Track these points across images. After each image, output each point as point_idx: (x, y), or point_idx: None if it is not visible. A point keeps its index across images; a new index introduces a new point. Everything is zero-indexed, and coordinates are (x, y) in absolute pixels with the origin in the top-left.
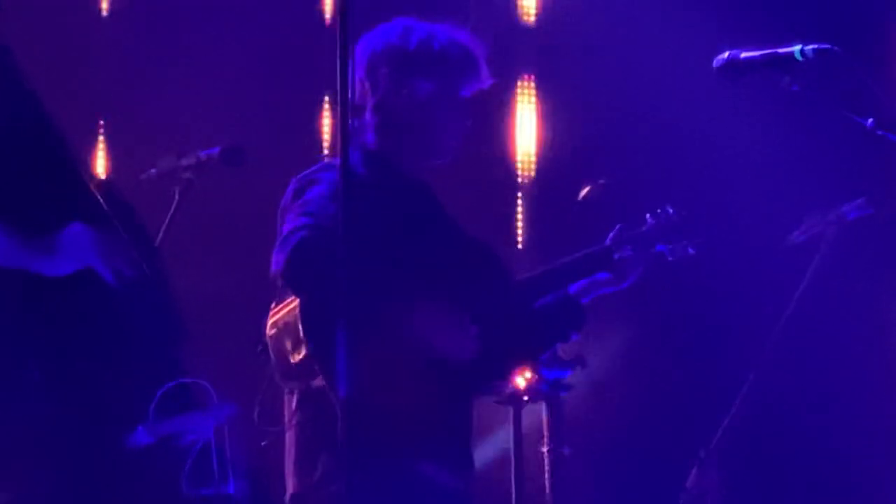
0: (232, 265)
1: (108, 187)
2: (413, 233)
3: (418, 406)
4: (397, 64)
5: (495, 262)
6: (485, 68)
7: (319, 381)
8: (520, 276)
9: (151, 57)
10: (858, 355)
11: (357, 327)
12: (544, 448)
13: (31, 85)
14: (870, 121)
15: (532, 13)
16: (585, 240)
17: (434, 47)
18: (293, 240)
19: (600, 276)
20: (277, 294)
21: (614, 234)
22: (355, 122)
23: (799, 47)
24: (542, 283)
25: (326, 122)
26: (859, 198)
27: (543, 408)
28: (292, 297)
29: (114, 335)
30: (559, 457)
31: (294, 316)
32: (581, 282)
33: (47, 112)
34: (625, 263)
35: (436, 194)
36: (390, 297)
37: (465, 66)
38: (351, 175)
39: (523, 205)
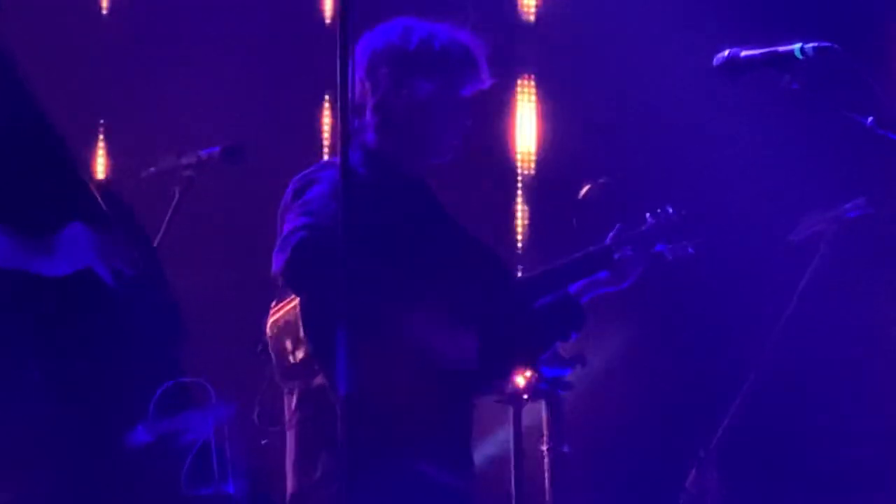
0: (232, 264)
1: (107, 187)
2: (413, 232)
3: (418, 405)
4: (398, 63)
5: (495, 261)
6: (485, 68)
7: (320, 380)
8: (520, 276)
9: (152, 55)
10: (858, 354)
11: (357, 327)
12: (544, 447)
13: (29, 85)
14: (870, 119)
15: (532, 11)
16: (585, 239)
17: (434, 47)
18: (294, 239)
19: (600, 275)
20: (278, 293)
21: (614, 233)
22: (355, 121)
23: (799, 45)
24: (542, 282)
25: (326, 121)
26: (859, 196)
27: (543, 406)
28: (292, 296)
29: (113, 335)
30: (559, 455)
31: (294, 315)
32: (581, 281)
33: (46, 112)
34: (625, 263)
35: (436, 194)
36: (390, 296)
37: (466, 66)
38: (351, 175)
39: (523, 202)
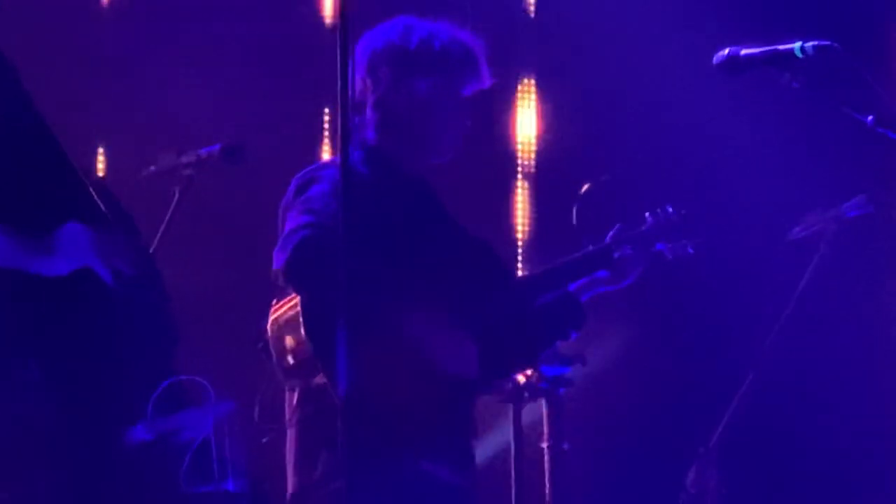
0: (232, 263)
1: (102, 186)
2: (413, 231)
3: (419, 404)
4: (398, 62)
5: (495, 260)
6: (485, 67)
7: (320, 378)
8: (520, 275)
9: (151, 53)
10: (858, 353)
11: (358, 325)
12: (544, 444)
13: (27, 85)
14: (870, 118)
15: (532, 8)
16: (586, 237)
17: (435, 46)
18: (295, 238)
19: (600, 274)
20: (278, 292)
21: (614, 232)
22: (356, 119)
23: (799, 44)
24: (542, 281)
25: (327, 119)
26: (859, 195)
27: (543, 404)
28: (293, 294)
29: (112, 334)
30: (559, 453)
31: (295, 313)
32: (581, 280)
33: (44, 112)
34: (624, 262)
35: (436, 192)
36: (391, 295)
37: (466, 66)
38: (351, 173)
39: (522, 199)
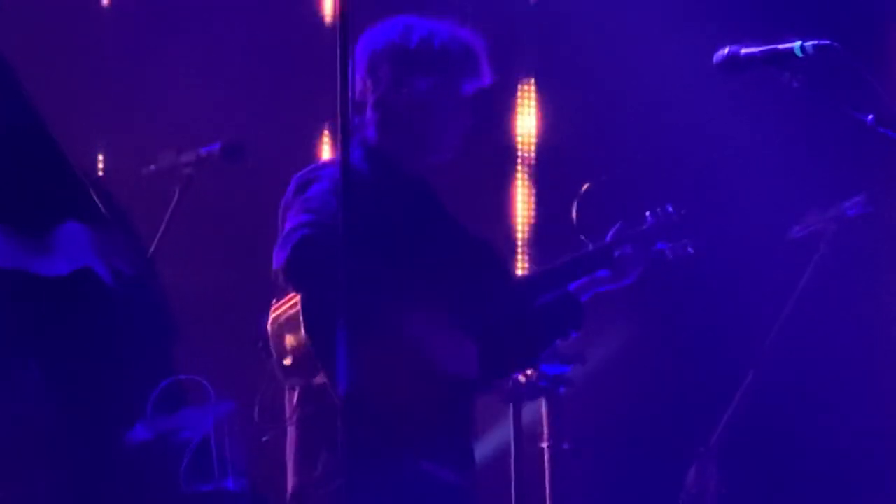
0: (232, 262)
1: (99, 186)
2: (413, 231)
3: (419, 403)
4: (398, 62)
5: (495, 260)
6: (486, 66)
7: (321, 378)
8: (520, 274)
9: (151, 53)
10: (858, 352)
11: (358, 325)
12: (544, 444)
13: (26, 85)
14: (870, 117)
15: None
16: (586, 236)
17: (435, 45)
18: (295, 237)
19: (600, 273)
20: (278, 291)
21: (614, 231)
22: (356, 119)
23: (799, 43)
24: (542, 281)
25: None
26: (859, 194)
27: (543, 404)
28: (293, 293)
29: (111, 334)
30: (559, 453)
31: (295, 312)
32: (581, 279)
33: (43, 112)
34: (625, 261)
35: (436, 192)
36: (391, 294)
37: (466, 64)
38: (352, 172)
39: (523, 195)
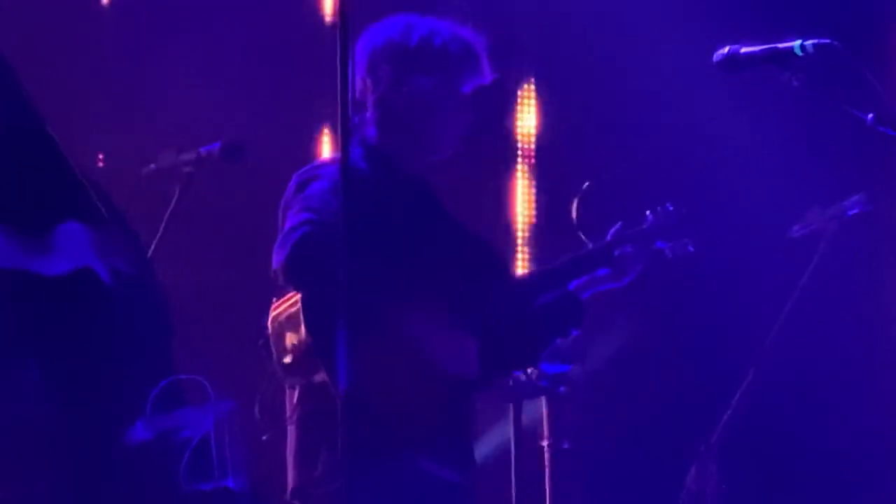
0: (232, 261)
1: (97, 187)
2: (413, 230)
3: (419, 402)
4: (398, 60)
5: (495, 259)
6: (486, 64)
7: (321, 376)
8: (521, 273)
9: (151, 53)
10: (858, 351)
11: (358, 324)
12: (544, 442)
13: (25, 84)
14: (870, 116)
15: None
16: (586, 235)
17: (435, 43)
18: (295, 236)
19: (600, 272)
20: (278, 290)
21: (615, 230)
22: (356, 117)
23: (799, 42)
24: (542, 279)
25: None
26: (859, 193)
27: (543, 402)
28: (294, 292)
29: (111, 333)
30: (559, 451)
31: (295, 311)
32: (581, 278)
33: (41, 111)
34: (625, 260)
35: (436, 191)
36: (391, 293)
37: (467, 62)
38: (352, 171)
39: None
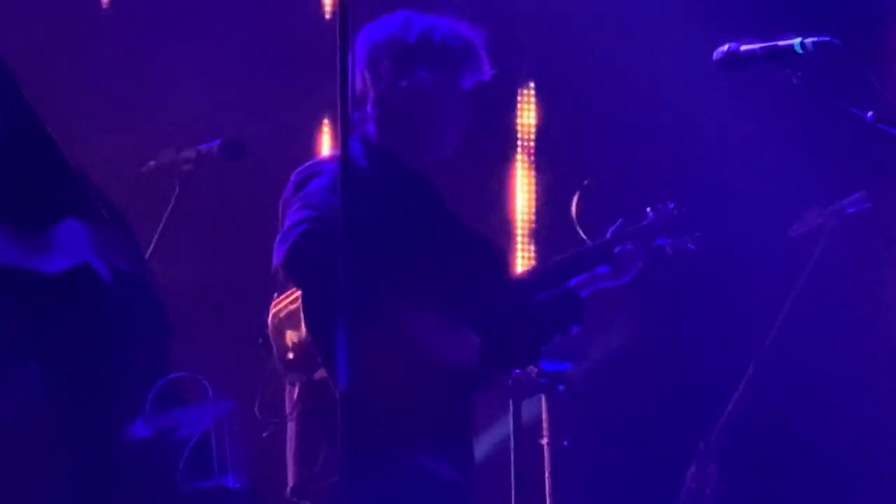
0: (232, 259)
1: (97, 186)
2: (413, 226)
3: (419, 400)
4: (398, 56)
5: (496, 256)
6: (486, 60)
7: (321, 373)
8: (521, 271)
9: (151, 51)
10: (858, 349)
11: (358, 321)
12: (544, 441)
13: (26, 85)
14: (870, 114)
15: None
16: (586, 233)
17: (434, 39)
18: (295, 233)
19: (600, 269)
20: (278, 287)
21: (615, 228)
22: (356, 114)
23: (799, 40)
24: (542, 277)
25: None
26: (859, 191)
27: (543, 400)
28: (294, 288)
29: (111, 332)
30: (559, 449)
31: (296, 308)
32: (581, 275)
33: (42, 111)
34: (625, 257)
35: (436, 187)
36: (391, 290)
37: (466, 58)
38: (352, 168)
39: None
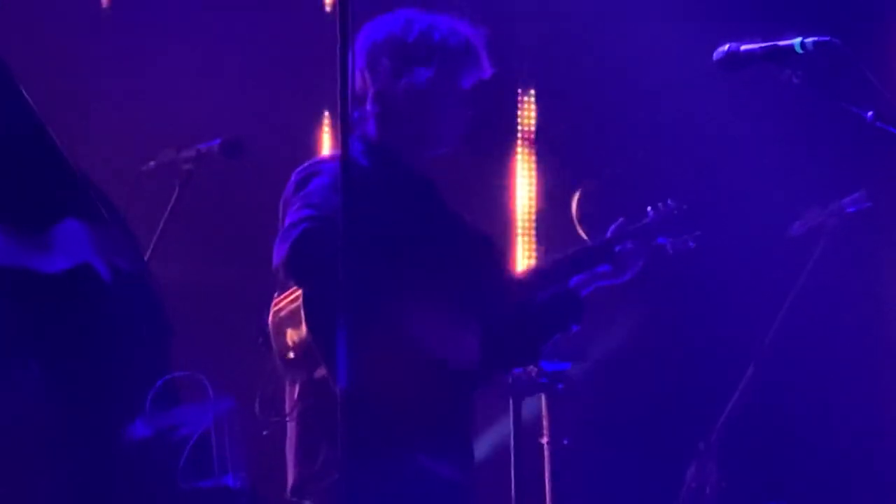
0: (232, 258)
1: (96, 186)
2: (414, 225)
3: (419, 399)
4: (397, 54)
5: (496, 254)
6: (486, 58)
7: (321, 372)
8: (521, 270)
9: (150, 50)
10: (858, 348)
11: (358, 320)
12: (543, 439)
13: (26, 84)
14: (870, 113)
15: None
16: (587, 232)
17: (434, 37)
18: (295, 232)
19: (601, 268)
20: (279, 286)
21: (615, 227)
22: (356, 112)
23: (799, 40)
24: (542, 276)
25: (326, 114)
26: (858, 190)
27: (543, 400)
28: (294, 287)
29: (111, 332)
30: (558, 448)
31: (296, 307)
32: (581, 274)
33: (42, 111)
34: (625, 256)
35: (437, 186)
36: (391, 289)
37: (466, 56)
38: (352, 166)
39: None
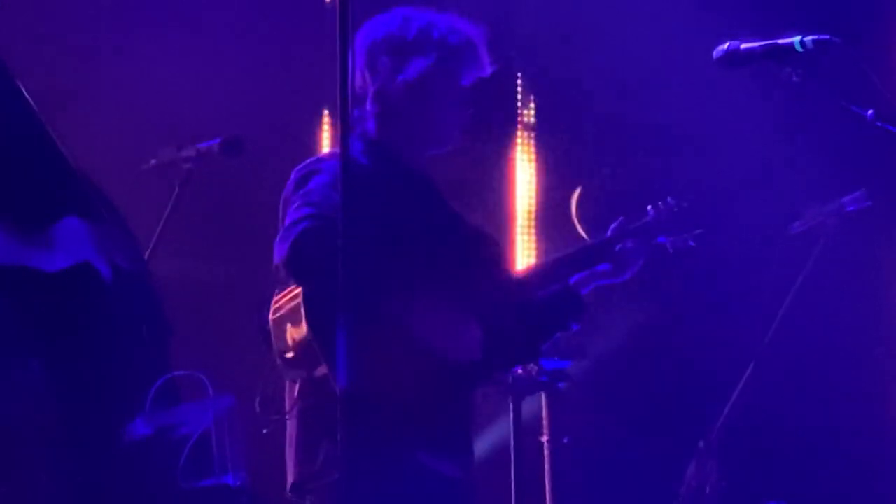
0: (232, 256)
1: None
2: (415, 223)
3: (419, 396)
4: (397, 52)
5: (497, 253)
6: (486, 56)
7: (322, 370)
8: (522, 268)
9: (150, 49)
10: (857, 346)
11: (359, 318)
12: (544, 438)
13: (25, 81)
14: (870, 112)
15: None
16: (587, 231)
17: (433, 35)
18: (296, 230)
19: (601, 267)
20: (279, 284)
21: (616, 225)
22: (356, 111)
23: (799, 38)
24: (543, 274)
25: (326, 113)
26: (859, 189)
27: (543, 398)
28: (295, 285)
29: (111, 330)
30: (558, 447)
31: (296, 305)
32: (581, 273)
33: (41, 108)
34: (626, 255)
35: (437, 184)
36: (392, 287)
37: (466, 54)
38: (352, 165)
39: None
